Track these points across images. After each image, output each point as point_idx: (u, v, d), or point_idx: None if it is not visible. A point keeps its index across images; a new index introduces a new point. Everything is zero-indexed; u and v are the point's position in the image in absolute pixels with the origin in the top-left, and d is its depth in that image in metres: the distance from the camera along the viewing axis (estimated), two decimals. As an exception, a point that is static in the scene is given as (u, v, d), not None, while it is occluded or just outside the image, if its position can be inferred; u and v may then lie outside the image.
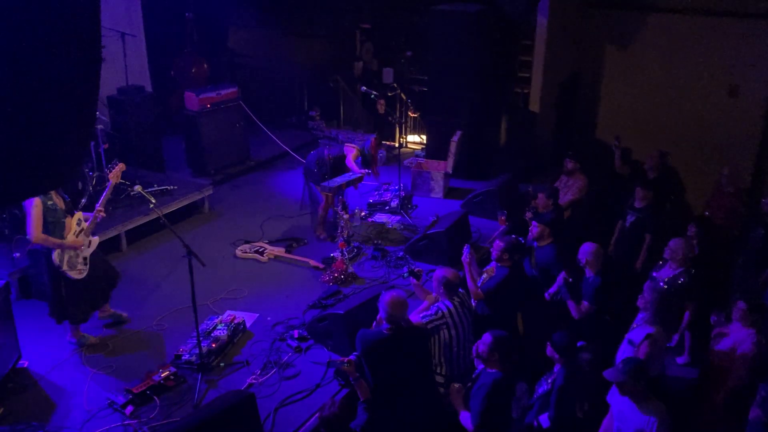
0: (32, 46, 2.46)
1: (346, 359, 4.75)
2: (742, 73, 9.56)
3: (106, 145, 8.08)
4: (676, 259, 6.12)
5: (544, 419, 4.84)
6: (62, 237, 5.43)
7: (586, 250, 5.93)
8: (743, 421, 4.76)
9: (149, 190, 7.78)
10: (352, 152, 7.80)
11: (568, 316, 5.96)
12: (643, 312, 5.39)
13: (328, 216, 7.89)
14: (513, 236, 6.21)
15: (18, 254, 6.58)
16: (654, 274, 6.32)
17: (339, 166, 7.71)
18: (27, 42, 2.45)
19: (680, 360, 6.50)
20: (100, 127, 7.90)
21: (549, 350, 4.84)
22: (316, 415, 4.92)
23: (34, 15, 2.43)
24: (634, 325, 5.45)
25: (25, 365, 5.62)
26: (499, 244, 6.05)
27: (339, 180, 6.87)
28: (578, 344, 4.95)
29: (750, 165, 9.58)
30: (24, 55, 2.46)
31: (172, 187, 8.36)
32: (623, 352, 5.31)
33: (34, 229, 5.25)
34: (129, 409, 5.07)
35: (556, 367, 4.85)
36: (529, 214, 7.13)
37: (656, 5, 9.97)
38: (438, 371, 5.44)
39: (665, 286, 6.06)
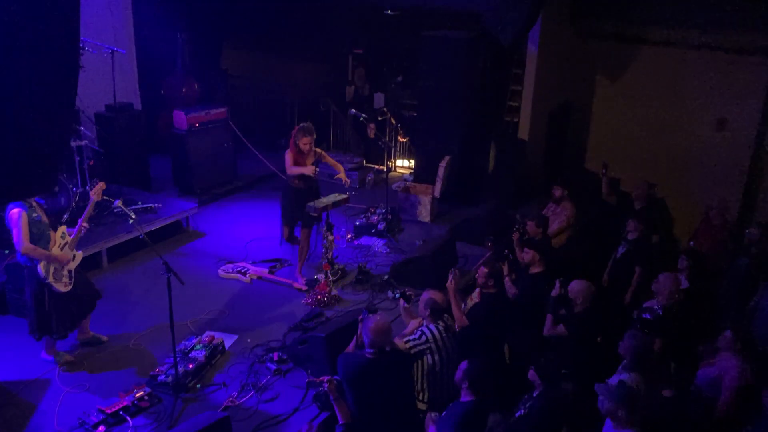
0: (12, 51, 2.42)
1: (326, 378, 4.65)
2: (729, 106, 9.63)
3: (92, 162, 8.02)
4: (663, 294, 6.07)
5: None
6: (47, 249, 5.38)
7: (575, 288, 5.86)
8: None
9: (133, 207, 7.70)
10: (288, 156, 7.02)
11: (551, 344, 5.87)
12: (623, 358, 5.31)
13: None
14: (498, 263, 6.15)
15: (-5, 268, 6.47)
16: (644, 306, 6.27)
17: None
18: (7, 47, 2.41)
19: (666, 393, 6.40)
20: (85, 143, 7.85)
21: (531, 374, 4.77)
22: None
23: (14, 21, 2.39)
24: (618, 371, 5.38)
25: (-3, 382, 5.50)
26: (483, 270, 5.99)
27: (324, 200, 6.80)
28: (562, 372, 4.88)
29: (736, 198, 9.60)
30: (3, 60, 2.42)
31: (156, 205, 8.28)
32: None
33: (23, 240, 5.21)
34: (101, 429, 4.95)
35: (535, 392, 4.78)
36: (516, 235, 7.07)
37: (647, 38, 10.06)
38: (420, 397, 5.33)
39: (648, 317, 6.00)
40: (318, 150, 7.01)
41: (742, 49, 9.38)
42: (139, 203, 8.19)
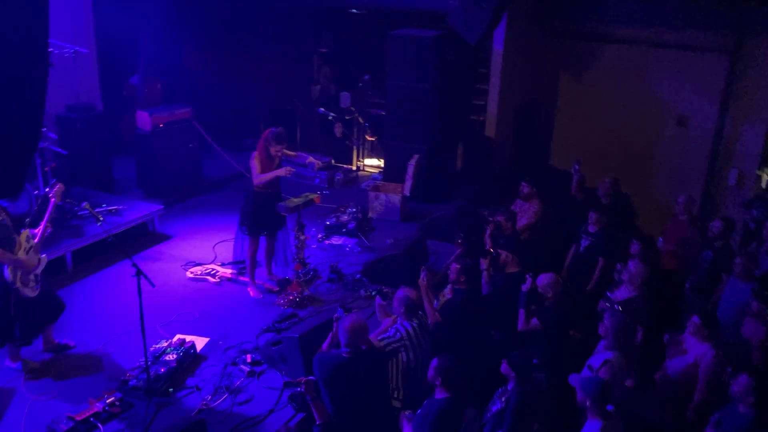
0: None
1: (303, 379, 4.62)
2: (690, 103, 9.86)
3: (54, 164, 7.82)
4: (634, 283, 6.18)
5: (498, 438, 4.79)
6: (14, 254, 5.24)
7: (544, 282, 5.92)
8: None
9: (97, 210, 7.53)
10: (252, 157, 6.73)
11: (524, 338, 5.92)
12: (604, 338, 5.41)
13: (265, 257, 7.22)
14: (469, 259, 6.19)
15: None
16: (609, 295, 6.37)
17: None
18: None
19: (628, 382, 6.49)
20: (46, 145, 7.65)
21: (504, 368, 4.81)
22: (270, 441, 4.75)
23: None
24: (596, 351, 5.46)
25: (-40, 392, 5.32)
26: (455, 267, 6.02)
27: (295, 200, 6.74)
28: (533, 362, 4.94)
29: (699, 192, 9.83)
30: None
31: (121, 207, 8.11)
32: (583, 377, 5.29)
33: None
34: (70, 437, 4.82)
35: (510, 385, 4.81)
36: (489, 231, 7.11)
37: (609, 36, 10.24)
38: (395, 395, 5.33)
39: (619, 308, 6.10)
40: (288, 152, 6.92)
41: (702, 48, 9.62)
42: (104, 206, 8.02)
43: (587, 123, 10.67)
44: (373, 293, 6.09)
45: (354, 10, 11.01)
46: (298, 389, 5.09)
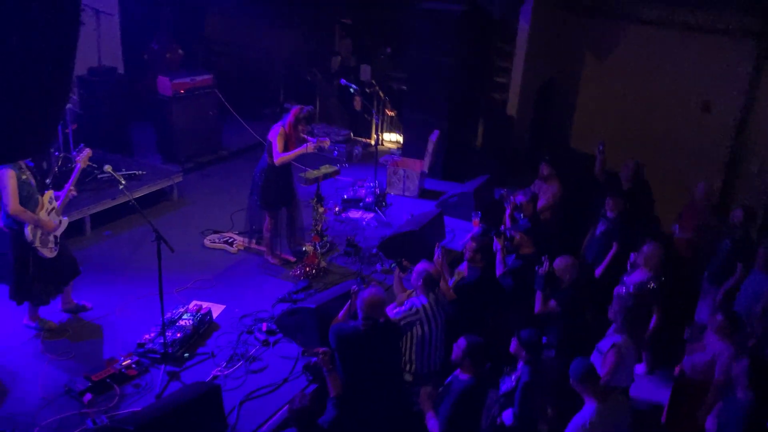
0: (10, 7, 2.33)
1: (321, 349, 4.65)
2: (714, 88, 9.68)
3: (74, 126, 7.84)
4: (649, 264, 6.14)
5: (508, 416, 4.82)
6: (35, 213, 5.29)
7: (561, 264, 5.89)
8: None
9: (116, 173, 7.53)
10: (276, 132, 6.61)
11: (538, 319, 5.92)
12: (613, 321, 5.40)
13: (285, 229, 7.20)
14: (486, 238, 6.17)
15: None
16: (625, 279, 6.34)
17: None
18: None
19: (639, 369, 6.49)
20: (69, 106, 7.65)
21: (514, 346, 4.82)
22: (285, 408, 4.79)
23: None
24: (606, 335, 5.46)
25: (-21, 348, 5.40)
26: (471, 245, 6.01)
27: (315, 172, 6.73)
28: (543, 341, 4.95)
29: (720, 179, 9.71)
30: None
31: (140, 172, 8.14)
32: (593, 361, 5.30)
33: (12, 201, 5.11)
34: (87, 397, 4.89)
35: (520, 364, 4.83)
36: (509, 211, 7.10)
37: (634, 16, 10.05)
38: (407, 369, 5.37)
39: (633, 291, 6.08)
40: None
41: (730, 31, 9.42)
42: (123, 170, 8.03)
43: (609, 104, 10.52)
44: (392, 266, 6.10)
45: (378, -19, 10.88)
46: (314, 359, 5.14)
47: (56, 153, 7.44)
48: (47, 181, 6.88)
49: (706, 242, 7.48)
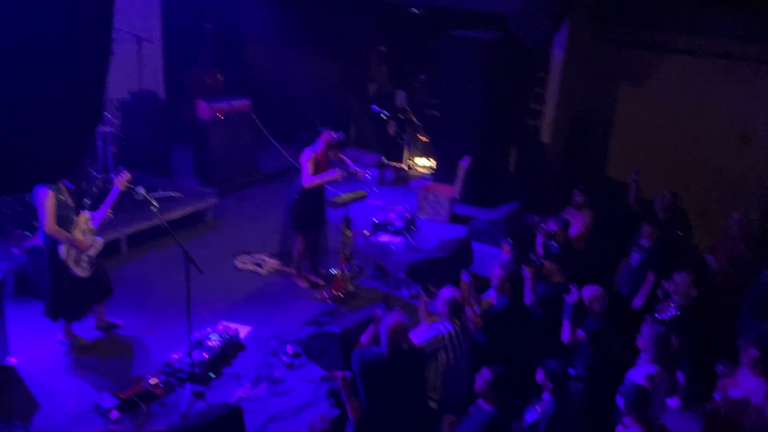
0: (44, 32, 2.43)
1: (341, 373, 4.68)
2: (753, 118, 9.53)
3: (115, 149, 8.07)
4: (680, 294, 6.03)
5: (532, 448, 4.75)
6: (70, 233, 5.45)
7: (590, 294, 5.82)
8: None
9: (154, 195, 7.72)
10: (308, 157, 6.77)
11: (565, 348, 5.84)
12: (644, 352, 5.30)
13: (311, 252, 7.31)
14: (514, 266, 6.13)
15: (16, 250, 6.53)
16: (657, 308, 6.23)
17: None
18: (39, 28, 2.42)
19: (672, 402, 6.33)
20: (109, 129, 7.90)
21: (540, 377, 4.76)
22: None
23: (46, 5, 2.40)
24: (637, 365, 5.35)
25: (13, 363, 5.54)
26: (499, 273, 5.97)
27: (344, 196, 6.81)
28: (570, 372, 4.88)
29: (758, 211, 9.50)
30: (35, 42, 2.43)
31: (176, 194, 8.32)
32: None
33: (49, 220, 5.28)
34: (114, 414, 4.99)
35: (546, 395, 4.76)
36: (540, 237, 7.04)
37: (671, 46, 9.98)
38: (432, 396, 5.33)
39: (664, 320, 5.97)
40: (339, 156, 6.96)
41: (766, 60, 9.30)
42: (159, 191, 8.23)
43: (646, 133, 10.43)
44: (419, 291, 6.11)
45: (413, 10, 11.01)
46: (335, 384, 5.15)
47: (96, 174, 7.66)
48: (86, 201, 7.13)
49: (740, 273, 7.31)
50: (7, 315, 5.55)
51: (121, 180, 5.76)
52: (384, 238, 8.34)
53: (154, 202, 5.65)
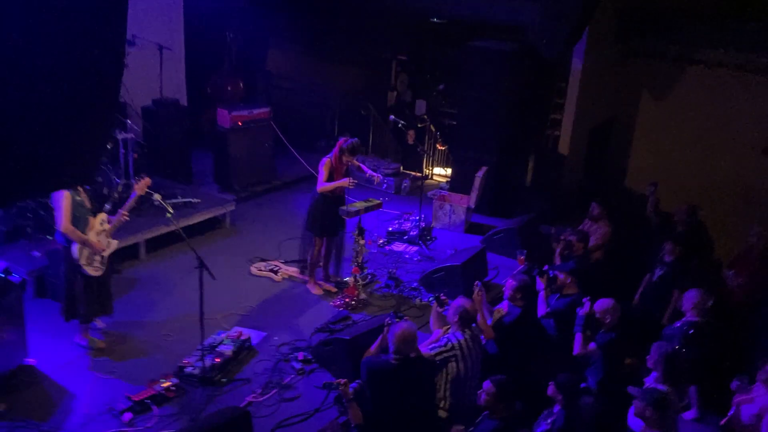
0: (55, 42, 2.51)
1: (342, 381, 4.72)
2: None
3: (136, 155, 8.22)
4: (697, 309, 5.98)
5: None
6: (84, 233, 5.57)
7: (602, 307, 5.80)
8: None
9: (172, 201, 7.86)
10: (323, 162, 6.88)
11: (576, 361, 5.82)
12: (653, 371, 5.26)
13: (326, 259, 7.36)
14: (527, 277, 6.12)
15: (38, 253, 6.68)
16: (673, 325, 6.18)
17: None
18: (53, 38, 2.49)
19: (687, 416, 6.25)
20: (131, 136, 8.05)
21: (551, 390, 4.75)
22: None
23: (59, 9, 2.47)
24: (646, 384, 5.31)
25: (32, 363, 5.67)
26: (511, 283, 5.97)
27: (357, 205, 6.87)
28: (581, 386, 4.87)
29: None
30: (49, 53, 2.51)
31: (195, 200, 8.44)
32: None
33: (64, 220, 5.42)
34: (127, 416, 5.08)
35: (556, 408, 4.75)
36: (558, 249, 7.03)
37: (693, 58, 9.91)
38: (442, 405, 5.35)
39: (677, 336, 5.92)
40: (354, 162, 7.04)
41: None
42: (179, 197, 8.36)
43: (667, 146, 10.36)
44: (430, 300, 6.13)
45: (435, 20, 11.06)
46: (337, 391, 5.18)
47: (117, 180, 7.81)
48: (107, 206, 7.27)
49: (760, 288, 7.22)
50: (27, 316, 5.70)
51: (141, 184, 5.89)
52: (399, 246, 8.37)
53: (170, 209, 5.75)
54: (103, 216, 5.78)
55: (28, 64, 2.54)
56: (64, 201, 5.40)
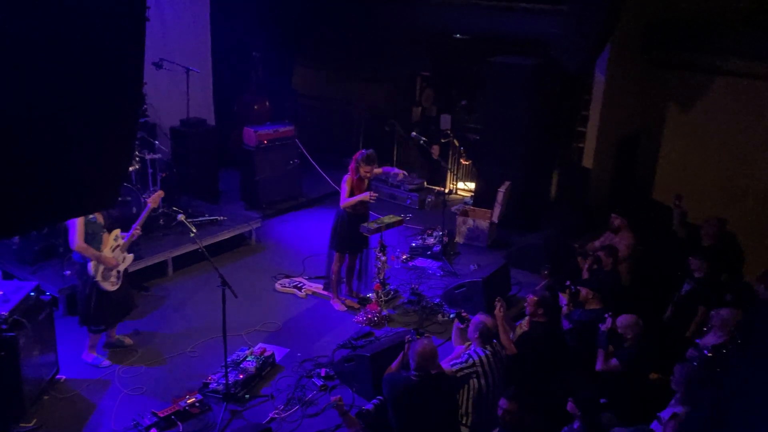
0: (72, 66, 2.57)
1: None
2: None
3: (164, 174, 8.41)
4: (725, 328, 5.88)
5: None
6: (99, 250, 5.72)
7: (624, 322, 5.75)
8: None
9: (199, 219, 8.02)
10: (344, 179, 7.03)
11: (599, 377, 5.76)
12: (676, 392, 5.19)
13: (349, 275, 7.45)
14: (548, 292, 6.10)
15: (69, 272, 6.86)
16: (698, 342, 6.07)
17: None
18: (68, 62, 2.55)
19: None
20: (159, 156, 8.24)
21: (570, 406, 4.72)
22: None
23: (75, 34, 2.54)
24: (669, 405, 5.24)
25: (63, 379, 5.83)
26: (532, 299, 5.96)
27: (378, 222, 6.92)
28: (601, 402, 4.82)
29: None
30: (64, 77, 2.58)
31: (221, 218, 8.59)
32: (654, 428, 5.10)
33: (77, 238, 5.57)
34: (152, 431, 5.17)
35: (576, 424, 4.72)
36: (586, 264, 6.99)
37: (720, 69, 9.79)
38: (464, 421, 5.35)
39: (709, 354, 5.82)
40: (375, 170, 7.12)
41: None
42: (206, 215, 8.52)
43: (694, 158, 10.22)
44: (452, 317, 6.14)
45: (458, 35, 11.12)
46: (368, 406, 5.23)
47: (144, 200, 7.98)
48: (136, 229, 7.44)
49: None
50: (58, 333, 5.87)
51: (153, 197, 6.04)
52: (422, 262, 8.40)
53: (193, 228, 5.88)
54: (117, 232, 5.93)
55: (46, 88, 2.60)
56: (76, 220, 5.54)
